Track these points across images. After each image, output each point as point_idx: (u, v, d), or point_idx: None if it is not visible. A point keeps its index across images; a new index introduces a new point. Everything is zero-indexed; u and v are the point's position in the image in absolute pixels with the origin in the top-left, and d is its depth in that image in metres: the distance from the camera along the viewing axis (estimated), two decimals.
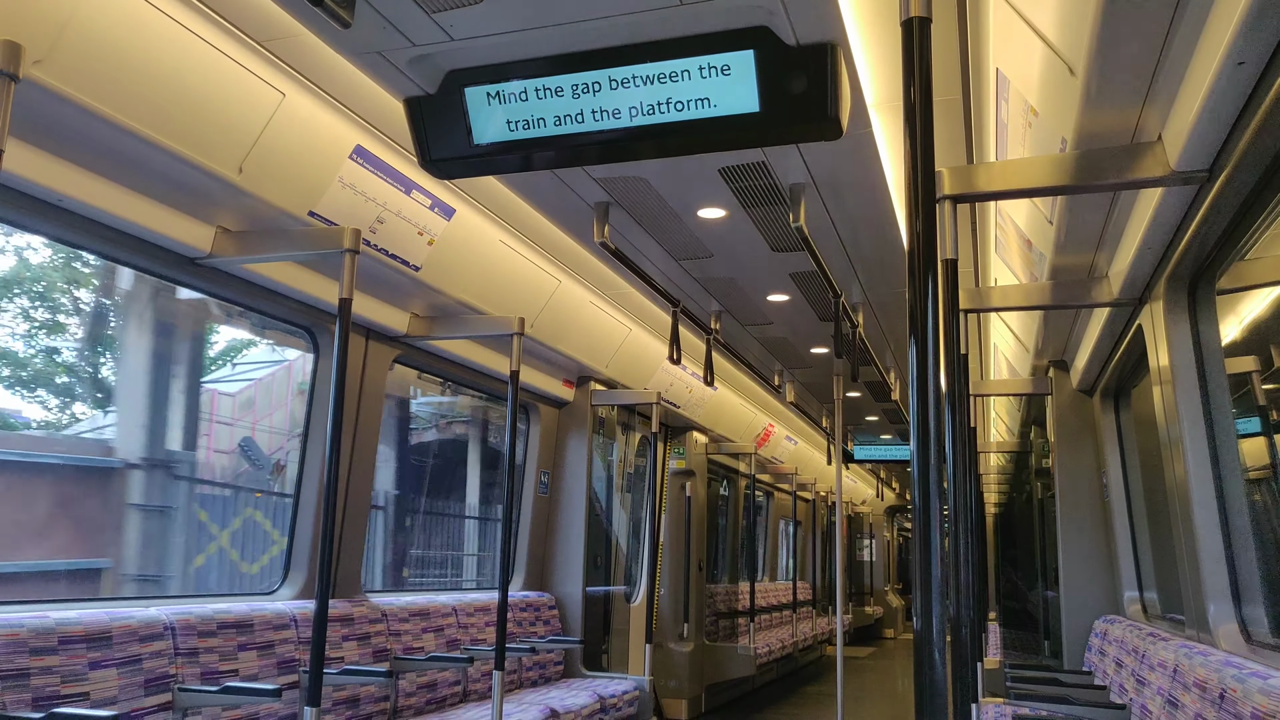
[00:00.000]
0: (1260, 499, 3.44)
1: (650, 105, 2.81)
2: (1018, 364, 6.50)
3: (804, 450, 12.10)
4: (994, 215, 4.39)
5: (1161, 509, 3.71)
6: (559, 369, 6.18)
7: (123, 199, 3.12)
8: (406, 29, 2.75)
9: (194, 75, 2.85)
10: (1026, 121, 2.96)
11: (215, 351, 9.29)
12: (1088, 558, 5.60)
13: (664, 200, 4.11)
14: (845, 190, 3.91)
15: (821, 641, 13.12)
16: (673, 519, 8.21)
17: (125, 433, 6.24)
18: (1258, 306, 3.55)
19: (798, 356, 7.39)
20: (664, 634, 7.95)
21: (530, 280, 4.92)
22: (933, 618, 1.60)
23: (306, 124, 3.27)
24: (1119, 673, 4.36)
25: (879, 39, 2.91)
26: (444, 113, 3.04)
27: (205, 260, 3.52)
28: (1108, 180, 2.62)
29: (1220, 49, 1.97)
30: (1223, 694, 2.81)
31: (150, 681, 3.18)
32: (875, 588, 18.65)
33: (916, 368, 1.68)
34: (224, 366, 9.37)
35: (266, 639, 3.71)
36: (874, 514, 19.21)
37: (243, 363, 9.47)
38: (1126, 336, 4.41)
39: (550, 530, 6.28)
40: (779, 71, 2.67)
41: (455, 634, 4.99)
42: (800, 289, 5.46)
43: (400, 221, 3.87)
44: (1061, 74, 2.45)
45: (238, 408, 8.58)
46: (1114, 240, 3.55)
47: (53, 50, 2.49)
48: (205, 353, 8.18)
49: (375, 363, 4.57)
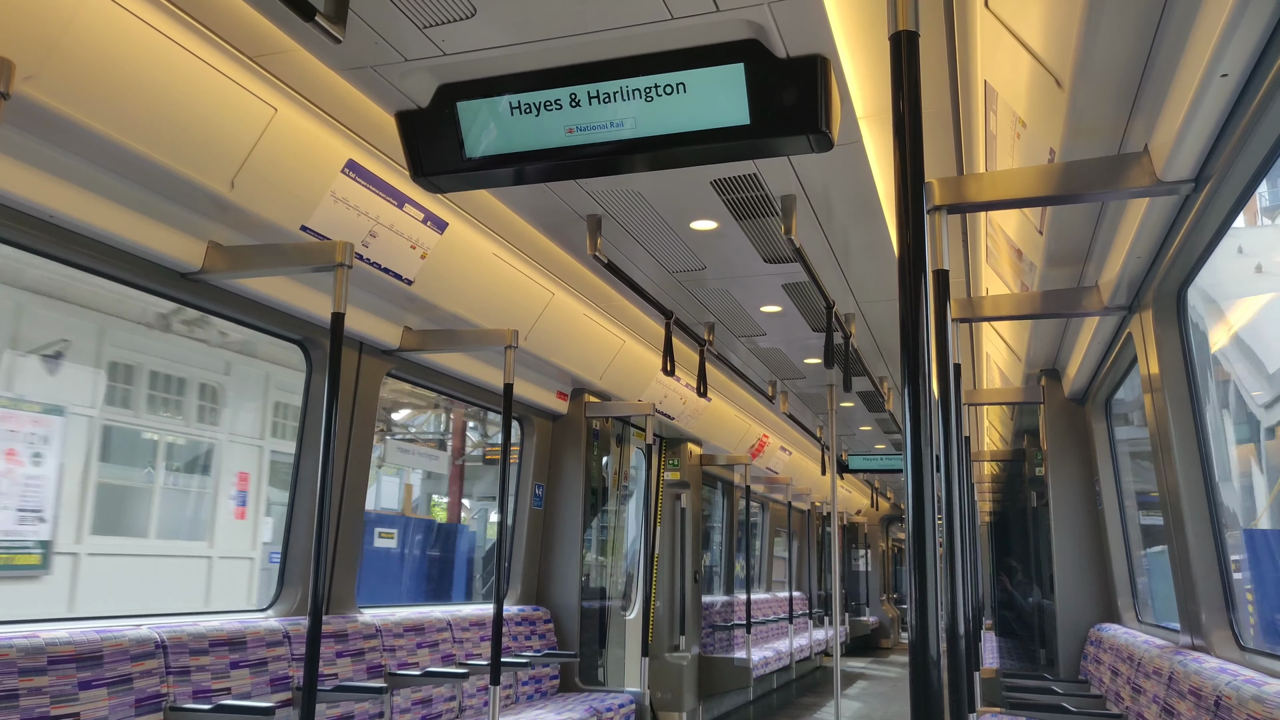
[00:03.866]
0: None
1: (642, 118, 2.82)
2: (1010, 373, 6.53)
3: (799, 461, 12.10)
4: (984, 225, 4.41)
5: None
6: (553, 381, 6.18)
7: (114, 214, 3.12)
8: (398, 44, 2.76)
9: (186, 90, 2.85)
10: (1015, 133, 2.98)
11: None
12: (1082, 565, 5.61)
13: (656, 212, 4.12)
14: (836, 201, 3.92)
15: (818, 652, 13.08)
16: (667, 531, 8.19)
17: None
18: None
19: (791, 367, 7.40)
20: (660, 646, 7.92)
21: (523, 293, 4.93)
22: (928, 628, 1.60)
23: (298, 139, 3.27)
24: (1115, 681, 4.36)
25: (868, 51, 2.93)
26: (436, 127, 3.05)
27: (197, 275, 3.52)
28: (1095, 190, 2.64)
29: (1204, 60, 1.99)
30: (1218, 701, 2.81)
31: (141, 701, 3.16)
32: (871, 598, 18.62)
33: (909, 377, 1.68)
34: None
35: (259, 656, 3.69)
36: (869, 524, 19.20)
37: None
38: (1117, 345, 4.43)
39: (545, 543, 6.26)
40: (769, 84, 2.69)
41: (450, 649, 4.96)
42: (793, 300, 5.48)
43: (393, 235, 3.88)
44: (1048, 86, 2.47)
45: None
46: (1103, 250, 3.58)
47: (44, 66, 2.49)
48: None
49: (368, 376, 4.57)
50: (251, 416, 8.42)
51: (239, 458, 8.42)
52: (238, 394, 8.21)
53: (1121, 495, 5.36)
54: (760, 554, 13.12)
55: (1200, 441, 3.53)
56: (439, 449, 13.08)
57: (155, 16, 2.68)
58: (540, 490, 6.26)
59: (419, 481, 12.46)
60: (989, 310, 4.23)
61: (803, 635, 12.14)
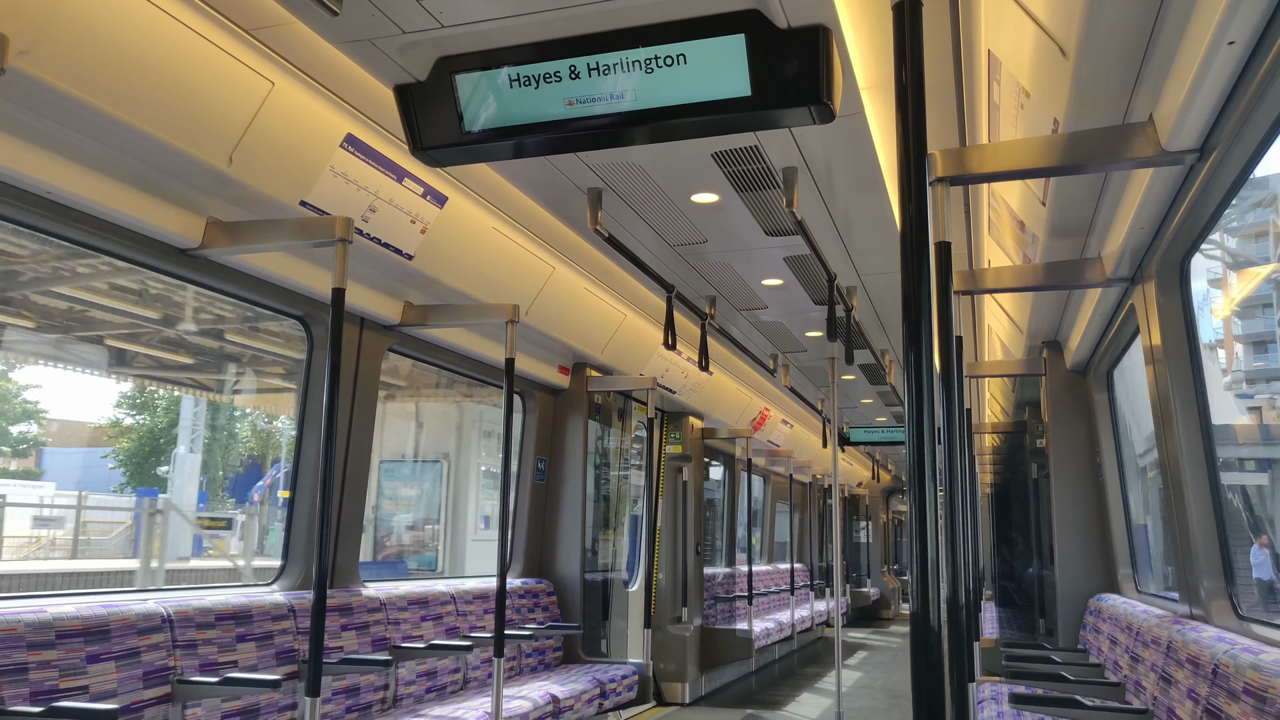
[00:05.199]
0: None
1: (642, 90, 2.80)
2: (1011, 345, 6.52)
3: (800, 434, 12.13)
4: (987, 197, 4.39)
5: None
6: (554, 356, 6.18)
7: (112, 190, 3.10)
8: (396, 16, 2.73)
9: (182, 65, 2.82)
10: (1018, 103, 2.95)
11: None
12: (1082, 536, 5.63)
13: (657, 185, 4.10)
14: (838, 173, 3.90)
15: (820, 623, 13.19)
16: (669, 503, 8.23)
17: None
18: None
19: (793, 340, 7.39)
20: (662, 618, 7.99)
21: (524, 267, 4.91)
22: (929, 598, 1.61)
23: (296, 113, 3.25)
24: (1113, 650, 4.40)
25: (870, 21, 2.90)
26: (435, 100, 3.02)
27: (197, 251, 3.51)
28: (1099, 161, 2.62)
29: (1210, 28, 1.97)
30: (1215, 669, 2.83)
31: (149, 674, 3.19)
32: (873, 569, 18.74)
33: (910, 350, 1.68)
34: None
35: (265, 629, 3.72)
36: (871, 496, 19.28)
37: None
38: (1119, 316, 4.42)
39: (548, 517, 6.29)
40: (770, 54, 2.66)
41: (454, 622, 5.00)
42: (794, 272, 5.46)
43: (392, 210, 3.86)
44: (1053, 55, 2.45)
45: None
46: (1106, 220, 3.56)
47: (39, 41, 2.47)
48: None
49: (370, 352, 4.57)
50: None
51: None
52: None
53: (1122, 466, 5.37)
54: (762, 526, 13.18)
55: (1201, 412, 3.54)
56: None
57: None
58: (543, 464, 6.28)
59: None
60: (991, 282, 4.22)
61: (804, 606, 12.23)
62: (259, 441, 21.52)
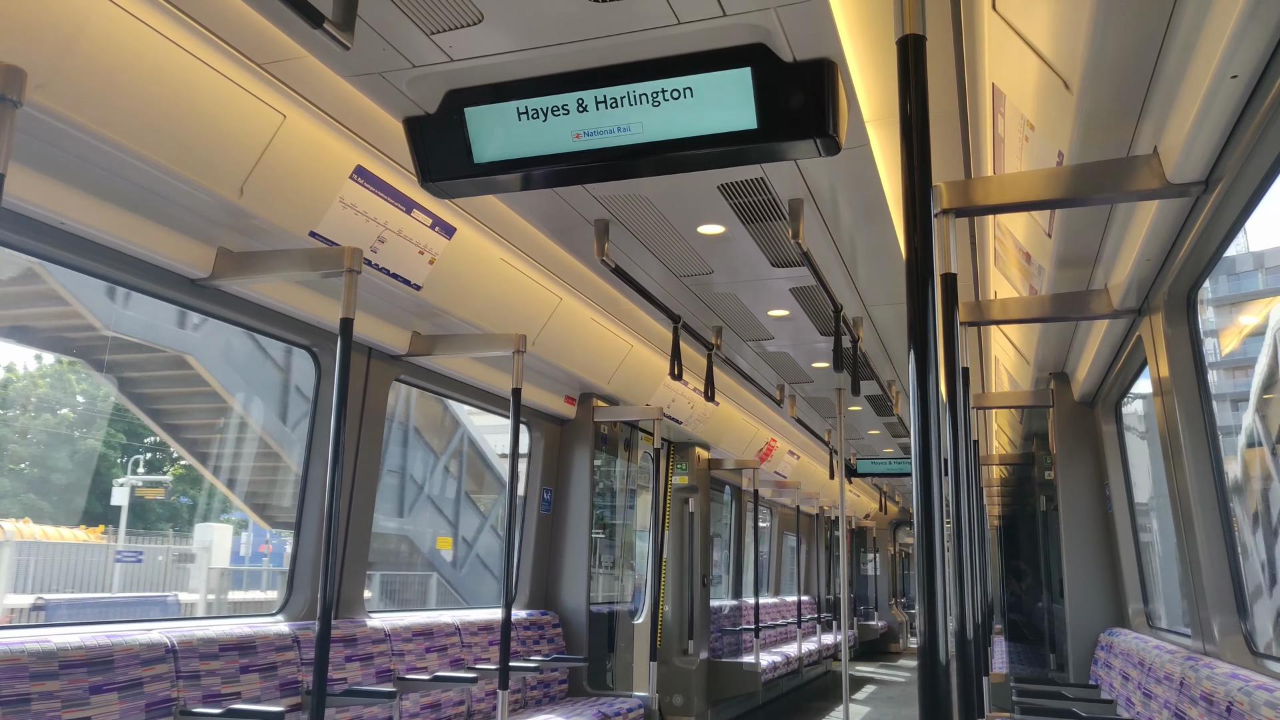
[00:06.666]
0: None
1: (649, 123, 2.83)
2: (1019, 376, 6.50)
3: (807, 465, 12.07)
4: (992, 228, 4.40)
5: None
6: (561, 386, 6.18)
7: (124, 221, 3.13)
8: (406, 50, 2.77)
9: (195, 98, 2.86)
10: (1023, 135, 2.97)
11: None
12: (1092, 569, 5.57)
13: (664, 217, 4.12)
14: (843, 205, 3.92)
15: (827, 656, 13.05)
16: (675, 534, 8.19)
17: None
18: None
19: (799, 371, 7.39)
20: (669, 650, 7.91)
21: (531, 297, 4.93)
22: (937, 632, 1.60)
23: (307, 145, 3.29)
24: (1125, 686, 4.34)
25: (874, 54, 2.93)
26: (444, 132, 3.05)
27: (207, 281, 3.53)
28: (1105, 193, 2.63)
29: (1213, 63, 1.99)
30: (1230, 707, 2.79)
31: (152, 705, 3.17)
32: (880, 602, 18.55)
33: (917, 381, 1.68)
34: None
35: (269, 660, 3.70)
36: (878, 528, 19.14)
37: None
38: (1127, 347, 4.41)
39: (553, 548, 6.26)
40: (776, 88, 2.69)
41: (459, 653, 4.96)
42: (800, 303, 5.47)
43: (401, 241, 3.89)
44: (1057, 88, 2.47)
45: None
46: (1112, 252, 3.56)
47: (55, 75, 2.51)
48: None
49: (377, 382, 4.58)
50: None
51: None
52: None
53: (1132, 499, 5.33)
54: (769, 558, 13.08)
55: (1211, 445, 3.51)
56: None
57: (164, 24, 2.69)
58: (548, 495, 6.26)
59: None
60: (997, 313, 4.22)
61: (811, 640, 12.10)
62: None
